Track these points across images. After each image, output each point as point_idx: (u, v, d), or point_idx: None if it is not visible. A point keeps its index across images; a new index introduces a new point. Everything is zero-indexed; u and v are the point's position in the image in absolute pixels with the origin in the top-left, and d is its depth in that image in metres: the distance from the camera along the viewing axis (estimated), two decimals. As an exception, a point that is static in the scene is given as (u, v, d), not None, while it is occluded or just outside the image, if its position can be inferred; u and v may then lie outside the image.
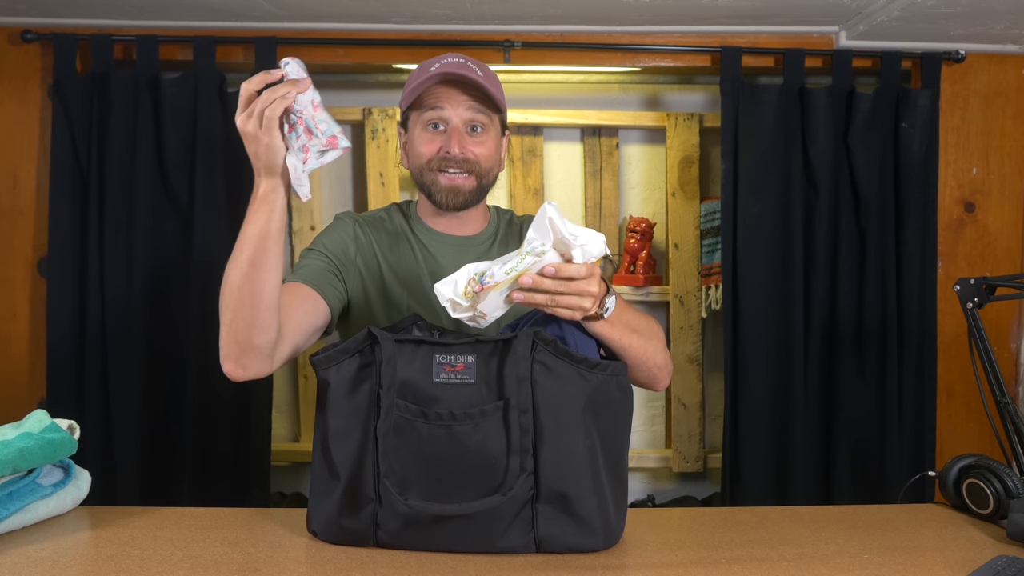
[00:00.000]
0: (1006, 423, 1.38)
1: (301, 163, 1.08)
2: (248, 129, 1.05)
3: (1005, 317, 2.32)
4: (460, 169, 1.33)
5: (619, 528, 1.12)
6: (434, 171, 1.34)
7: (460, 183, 1.34)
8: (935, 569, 1.06)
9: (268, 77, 1.06)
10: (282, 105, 1.04)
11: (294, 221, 2.40)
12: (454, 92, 1.33)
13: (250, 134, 1.06)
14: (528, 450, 1.03)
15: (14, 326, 2.26)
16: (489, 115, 1.36)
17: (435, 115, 1.33)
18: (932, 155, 2.23)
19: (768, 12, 2.13)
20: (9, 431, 1.20)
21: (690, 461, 2.39)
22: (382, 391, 1.04)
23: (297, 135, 1.07)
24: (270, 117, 1.04)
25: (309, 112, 1.07)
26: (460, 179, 1.34)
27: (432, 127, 1.34)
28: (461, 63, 1.33)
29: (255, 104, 1.05)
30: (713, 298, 2.34)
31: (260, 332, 1.12)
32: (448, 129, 1.33)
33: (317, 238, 1.38)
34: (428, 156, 1.34)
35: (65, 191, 2.16)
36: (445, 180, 1.34)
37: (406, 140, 1.40)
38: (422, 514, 1.03)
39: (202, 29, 2.22)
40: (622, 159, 2.47)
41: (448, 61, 1.33)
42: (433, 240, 1.40)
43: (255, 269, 1.09)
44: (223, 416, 2.16)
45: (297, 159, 1.08)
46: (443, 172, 1.33)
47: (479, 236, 1.42)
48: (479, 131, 1.35)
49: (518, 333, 1.06)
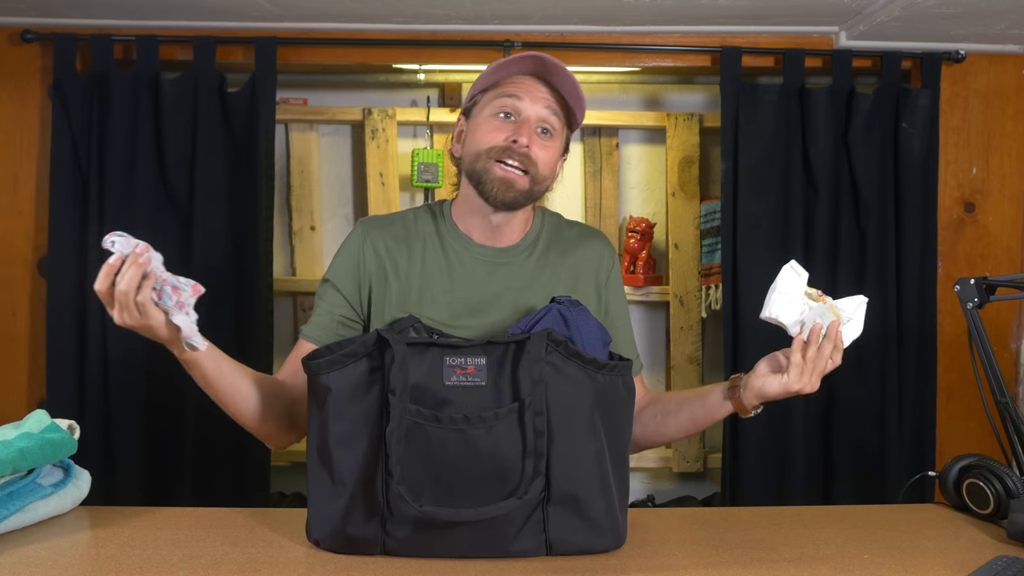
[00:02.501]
0: (1006, 423, 1.38)
1: (186, 316, 1.08)
2: (130, 323, 1.07)
3: (1005, 317, 2.32)
4: (520, 165, 1.26)
5: (625, 528, 1.12)
6: (492, 160, 1.26)
7: (515, 178, 1.25)
8: (935, 569, 1.06)
9: (110, 270, 1.05)
10: (148, 285, 1.05)
11: (294, 221, 2.40)
12: (536, 85, 1.28)
13: (136, 327, 1.08)
14: (543, 453, 1.03)
15: (14, 326, 2.26)
16: (561, 123, 1.31)
17: (510, 104, 1.27)
18: (932, 155, 2.23)
19: (768, 12, 2.13)
20: (9, 431, 1.20)
21: (690, 461, 2.39)
22: (393, 396, 1.02)
23: (168, 295, 1.07)
24: (142, 302, 1.05)
25: (161, 270, 1.07)
26: (516, 175, 1.25)
27: (503, 115, 1.28)
28: (555, 62, 1.27)
29: (119, 297, 1.05)
30: (713, 298, 2.34)
31: (264, 428, 1.27)
32: (519, 120, 1.27)
33: (332, 265, 1.35)
34: (491, 143, 1.26)
35: (65, 191, 2.16)
36: (501, 171, 1.25)
37: (462, 128, 1.35)
38: (434, 520, 1.02)
39: (202, 29, 2.22)
40: (622, 159, 2.47)
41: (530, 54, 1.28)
42: (461, 248, 1.33)
43: (226, 406, 1.24)
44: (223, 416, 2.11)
45: (182, 315, 1.08)
46: (501, 163, 1.25)
47: (515, 248, 1.34)
48: (547, 135, 1.29)
49: (530, 334, 1.05)
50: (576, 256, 1.37)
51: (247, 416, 1.24)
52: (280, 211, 2.40)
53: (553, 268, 1.35)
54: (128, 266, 1.04)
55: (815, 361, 1.17)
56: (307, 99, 2.40)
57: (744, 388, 1.23)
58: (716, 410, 1.28)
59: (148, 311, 1.06)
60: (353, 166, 2.47)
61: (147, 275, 1.05)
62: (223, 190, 2.19)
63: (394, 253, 1.32)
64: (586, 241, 1.39)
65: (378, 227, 1.35)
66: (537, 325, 1.15)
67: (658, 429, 1.34)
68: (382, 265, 1.32)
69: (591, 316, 1.21)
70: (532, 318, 1.17)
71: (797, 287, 1.18)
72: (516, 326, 1.18)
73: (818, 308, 1.18)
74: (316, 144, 2.41)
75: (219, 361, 1.18)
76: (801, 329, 1.18)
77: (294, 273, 2.42)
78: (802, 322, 1.18)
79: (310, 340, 1.30)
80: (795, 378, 1.17)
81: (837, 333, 1.17)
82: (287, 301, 2.43)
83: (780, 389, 1.19)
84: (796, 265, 1.19)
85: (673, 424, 1.33)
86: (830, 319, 1.18)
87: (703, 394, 1.30)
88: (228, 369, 1.20)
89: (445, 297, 1.30)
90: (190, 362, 1.15)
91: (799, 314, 1.18)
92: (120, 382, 2.15)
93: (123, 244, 1.06)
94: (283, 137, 2.41)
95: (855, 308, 1.20)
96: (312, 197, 2.40)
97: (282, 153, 2.41)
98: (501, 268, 1.33)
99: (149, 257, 1.05)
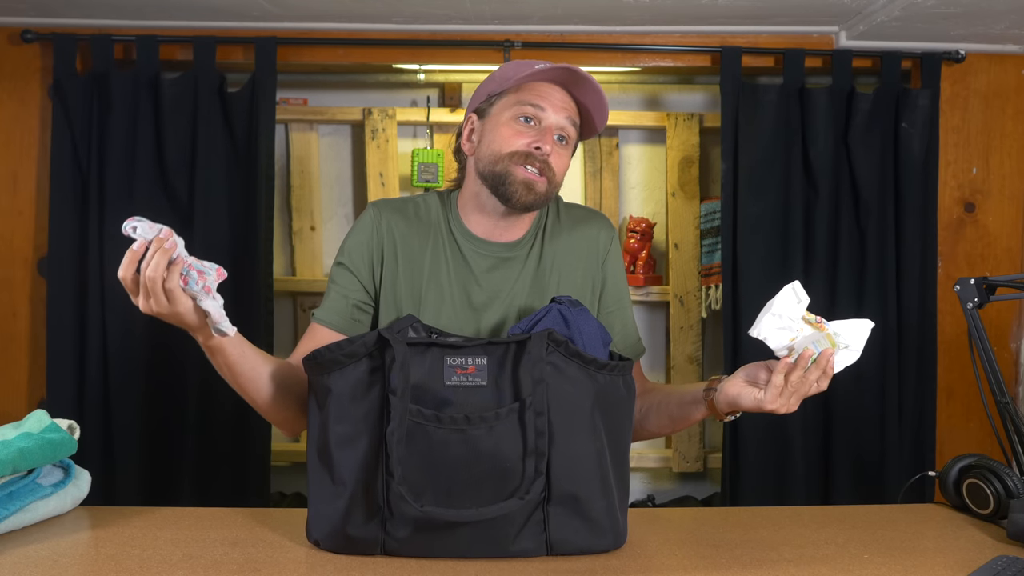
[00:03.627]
0: (1006, 423, 1.38)
1: (214, 301, 1.06)
2: (157, 310, 1.05)
3: (1005, 317, 2.32)
4: (540, 170, 1.28)
5: (625, 528, 1.12)
6: (515, 163, 1.27)
7: (536, 180, 1.27)
8: (935, 569, 1.06)
9: (134, 256, 1.03)
10: (175, 271, 1.03)
11: (294, 221, 2.40)
12: (559, 93, 1.30)
13: (164, 314, 1.06)
14: (544, 453, 1.03)
15: (14, 326, 2.26)
16: (576, 132, 1.33)
17: (531, 111, 1.28)
18: (932, 155, 2.23)
19: (768, 12, 2.13)
20: (9, 431, 1.20)
21: (690, 461, 2.39)
22: (395, 396, 1.01)
23: (195, 280, 1.04)
24: (171, 288, 1.04)
25: (186, 255, 1.04)
26: (537, 177, 1.28)
27: (524, 119, 1.29)
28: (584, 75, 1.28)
29: (147, 284, 1.03)
30: (713, 298, 2.34)
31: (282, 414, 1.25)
32: (540, 128, 1.29)
33: (345, 244, 1.35)
34: (513, 148, 1.27)
35: (65, 191, 2.16)
36: (523, 173, 1.27)
37: (473, 127, 1.35)
38: (435, 520, 1.02)
39: (202, 29, 2.22)
40: (622, 159, 2.47)
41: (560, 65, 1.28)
42: (465, 241, 1.34)
43: (245, 392, 1.21)
44: (223, 416, 2.16)
45: (210, 300, 1.06)
46: (524, 166, 1.27)
47: (519, 243, 1.36)
48: (563, 143, 1.31)
49: (531, 335, 1.05)
50: (573, 238, 1.38)
51: (266, 401, 1.22)
52: (280, 211, 2.40)
53: (552, 259, 1.36)
54: (153, 251, 1.02)
55: (797, 385, 1.12)
56: (307, 99, 2.41)
57: (719, 393, 1.21)
58: (691, 411, 1.27)
59: (176, 297, 1.04)
60: (353, 166, 2.46)
61: (174, 260, 1.03)
62: (223, 190, 2.19)
63: (407, 237, 1.33)
64: (583, 224, 1.41)
65: (392, 209, 1.36)
66: (538, 325, 1.15)
67: (640, 423, 1.33)
68: (394, 247, 1.33)
69: (591, 316, 1.22)
70: (532, 318, 1.17)
71: (794, 311, 1.12)
72: (516, 326, 1.18)
73: (812, 335, 1.12)
74: (316, 144, 2.41)
75: (243, 346, 1.17)
76: (789, 353, 1.13)
77: (294, 273, 2.42)
78: (791, 347, 1.13)
79: (325, 324, 1.30)
80: (771, 398, 1.13)
81: (828, 361, 1.12)
82: (287, 301, 2.43)
83: (754, 405, 1.15)
84: (799, 288, 1.14)
85: (654, 420, 1.33)
86: (824, 347, 1.12)
87: (682, 393, 1.30)
88: (251, 354, 1.19)
89: (449, 287, 1.31)
90: (215, 348, 1.14)
91: (789, 339, 1.12)
92: (120, 382, 2.15)
93: (145, 229, 1.02)
94: (283, 137, 2.41)
95: (856, 334, 1.13)
96: (312, 197, 2.40)
97: (282, 153, 2.41)
98: (504, 264, 1.34)
99: (175, 242, 1.03)
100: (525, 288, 1.33)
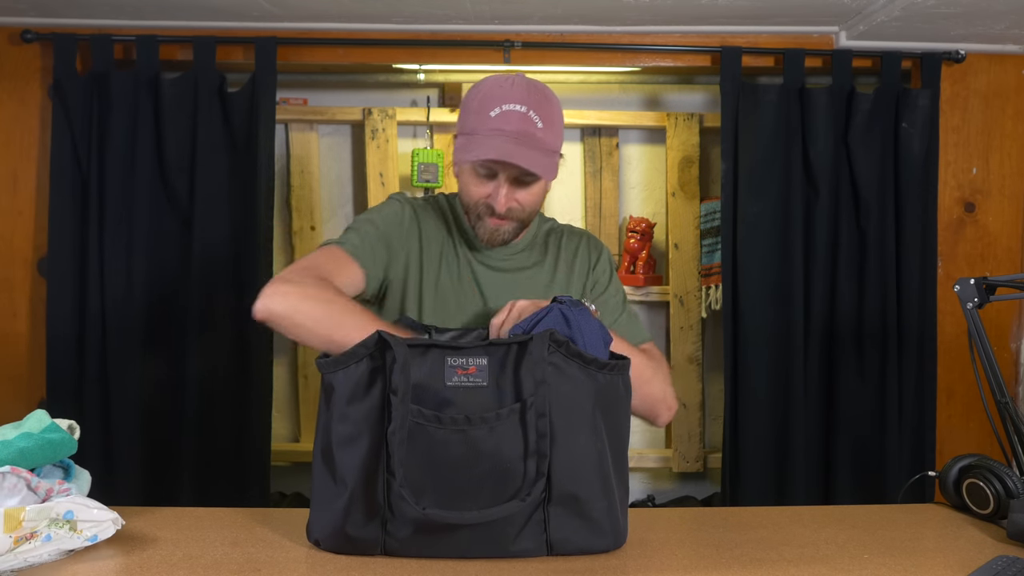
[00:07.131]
0: (1006, 423, 1.38)
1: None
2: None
3: (1005, 317, 2.32)
4: (503, 217, 1.34)
5: (626, 528, 1.12)
6: (479, 210, 1.35)
7: (500, 225, 1.35)
8: (935, 569, 1.06)
9: None
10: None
11: (294, 221, 2.40)
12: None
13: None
14: (545, 454, 1.03)
15: (14, 326, 2.26)
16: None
17: (489, 164, 1.31)
18: (932, 155, 2.23)
19: (768, 12, 2.13)
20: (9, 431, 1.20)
21: (690, 461, 2.39)
22: (395, 397, 1.02)
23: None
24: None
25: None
26: (501, 222, 1.35)
27: (482, 171, 1.33)
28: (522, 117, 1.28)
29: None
30: (713, 298, 2.34)
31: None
32: (499, 179, 1.32)
33: (370, 212, 1.40)
34: (476, 198, 1.34)
35: (65, 191, 2.16)
36: (489, 222, 1.34)
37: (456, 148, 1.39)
38: (436, 521, 1.02)
39: (202, 29, 2.22)
40: (622, 159, 2.47)
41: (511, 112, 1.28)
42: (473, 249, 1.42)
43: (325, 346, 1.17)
44: (223, 416, 2.16)
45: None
46: (488, 216, 1.34)
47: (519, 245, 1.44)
48: (527, 181, 1.33)
49: (533, 335, 1.05)
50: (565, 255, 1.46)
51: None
52: (280, 211, 2.40)
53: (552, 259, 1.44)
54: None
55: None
56: (307, 99, 2.41)
57: None
58: None
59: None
60: (353, 166, 2.46)
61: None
62: (223, 190, 2.19)
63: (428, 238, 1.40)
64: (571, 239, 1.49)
65: (416, 205, 1.43)
66: (539, 325, 1.15)
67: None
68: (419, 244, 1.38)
69: (592, 316, 1.22)
70: (533, 318, 1.17)
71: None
72: (518, 325, 1.18)
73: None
74: (316, 144, 2.41)
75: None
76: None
77: (294, 273, 2.41)
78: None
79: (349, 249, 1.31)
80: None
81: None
82: (287, 301, 2.42)
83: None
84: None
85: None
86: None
87: None
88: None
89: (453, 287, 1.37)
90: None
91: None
92: (120, 382, 2.15)
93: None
94: (283, 137, 2.41)
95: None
96: (312, 197, 2.40)
97: (282, 153, 2.41)
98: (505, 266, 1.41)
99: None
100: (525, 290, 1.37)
